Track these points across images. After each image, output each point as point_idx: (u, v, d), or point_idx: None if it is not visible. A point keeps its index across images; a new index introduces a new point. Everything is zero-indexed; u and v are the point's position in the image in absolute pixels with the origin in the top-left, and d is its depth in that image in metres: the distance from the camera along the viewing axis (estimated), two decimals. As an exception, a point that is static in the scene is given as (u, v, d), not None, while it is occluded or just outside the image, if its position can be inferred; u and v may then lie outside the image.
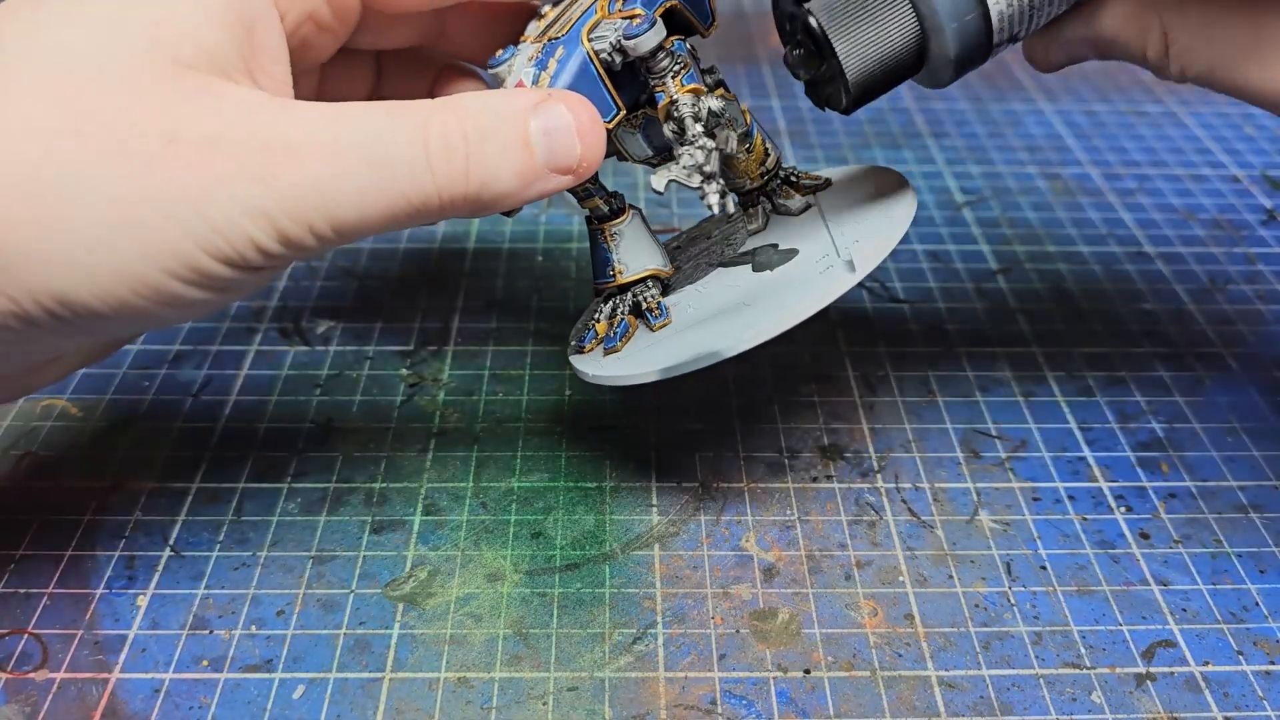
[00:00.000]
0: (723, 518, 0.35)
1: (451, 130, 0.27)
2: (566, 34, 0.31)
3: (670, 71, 0.30)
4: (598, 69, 0.30)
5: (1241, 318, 0.45)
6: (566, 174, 0.28)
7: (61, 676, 0.29)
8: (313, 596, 0.32)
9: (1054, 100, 0.63)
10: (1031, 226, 0.51)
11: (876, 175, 0.37)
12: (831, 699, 0.29)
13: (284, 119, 0.26)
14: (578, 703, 0.29)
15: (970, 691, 0.29)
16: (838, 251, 0.33)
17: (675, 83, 0.30)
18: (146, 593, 0.32)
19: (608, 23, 0.31)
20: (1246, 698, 0.29)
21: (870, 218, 0.34)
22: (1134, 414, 0.40)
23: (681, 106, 0.30)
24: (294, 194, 0.25)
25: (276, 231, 0.25)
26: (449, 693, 0.29)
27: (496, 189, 0.27)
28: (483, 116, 0.27)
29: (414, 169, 0.26)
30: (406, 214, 0.27)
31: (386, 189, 0.26)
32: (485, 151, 0.27)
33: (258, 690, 0.29)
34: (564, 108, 0.28)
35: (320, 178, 0.25)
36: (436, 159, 0.26)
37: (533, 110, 0.27)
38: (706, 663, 0.30)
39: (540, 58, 0.31)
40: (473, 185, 0.27)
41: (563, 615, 0.31)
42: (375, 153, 0.26)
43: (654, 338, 0.34)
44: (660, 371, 0.31)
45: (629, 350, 0.34)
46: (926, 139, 0.58)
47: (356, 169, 0.26)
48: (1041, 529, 0.35)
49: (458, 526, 0.34)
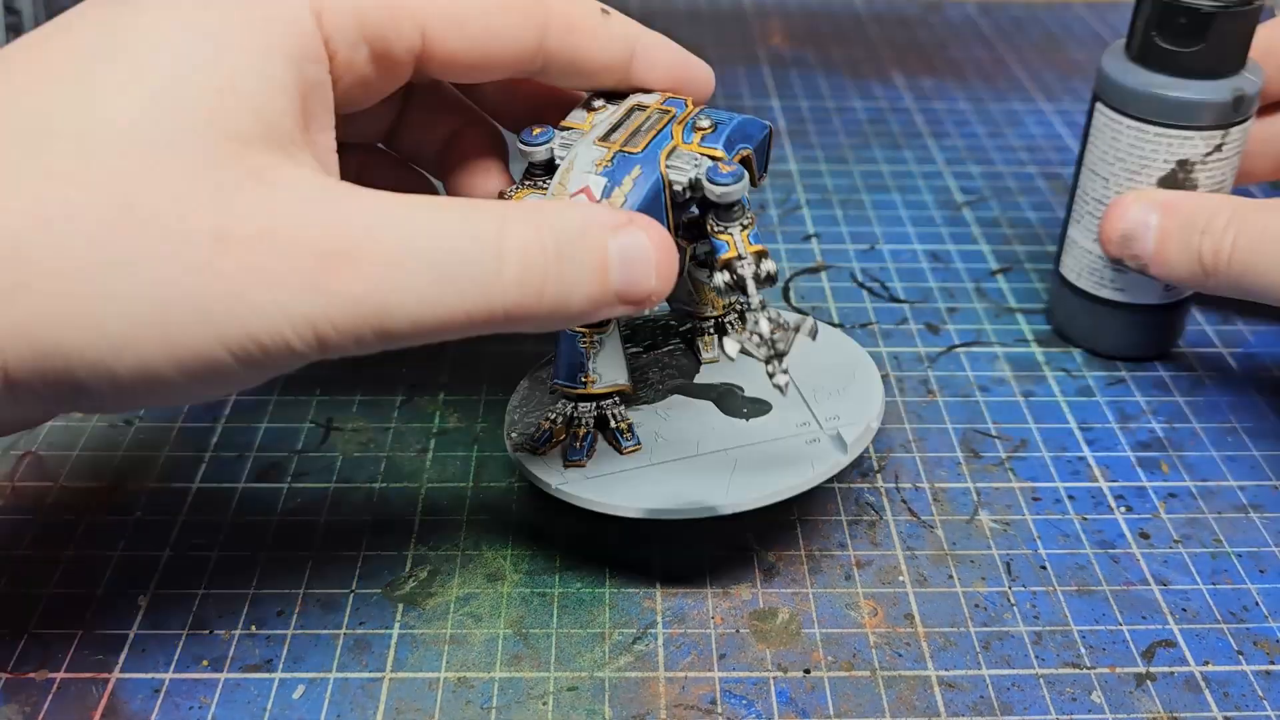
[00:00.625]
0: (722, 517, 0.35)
1: (531, 244, 0.24)
2: (643, 152, 0.30)
3: (739, 223, 0.30)
4: (667, 199, 0.30)
5: (1241, 317, 0.45)
6: (632, 305, 0.26)
7: (61, 676, 0.29)
8: (312, 596, 0.32)
9: (1054, 100, 0.63)
10: (1031, 226, 0.51)
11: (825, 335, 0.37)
12: (831, 699, 0.29)
13: (343, 214, 0.24)
14: (578, 702, 0.29)
15: (970, 691, 0.29)
16: (819, 423, 0.33)
17: (743, 237, 0.29)
18: (146, 592, 0.32)
19: (687, 154, 0.30)
20: (1246, 698, 0.29)
21: (837, 386, 0.35)
22: (1134, 414, 0.40)
23: (746, 266, 0.29)
24: (346, 304, 0.23)
25: (317, 340, 0.23)
26: (449, 693, 0.29)
27: (566, 312, 0.25)
28: (564, 233, 0.25)
29: (486, 284, 0.24)
30: (463, 327, 0.24)
31: (450, 302, 0.24)
32: (563, 272, 0.25)
33: (257, 690, 0.29)
34: (646, 238, 0.26)
35: (379, 288, 0.23)
36: (512, 275, 0.24)
37: (614, 232, 0.26)
38: (706, 662, 0.30)
39: (611, 169, 0.30)
40: (545, 305, 0.25)
41: (562, 615, 0.31)
42: (445, 263, 0.24)
43: (623, 462, 0.32)
44: (645, 511, 0.31)
45: (596, 469, 0.32)
46: (926, 139, 0.58)
47: (422, 280, 0.23)
48: (1041, 529, 0.35)
49: (458, 526, 0.34)
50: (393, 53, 0.28)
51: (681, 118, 0.31)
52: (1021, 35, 0.72)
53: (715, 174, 0.29)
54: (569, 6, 0.30)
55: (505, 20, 0.29)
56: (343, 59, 0.27)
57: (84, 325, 0.23)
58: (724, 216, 0.30)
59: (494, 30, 0.29)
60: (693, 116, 0.31)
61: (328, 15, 0.27)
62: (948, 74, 0.66)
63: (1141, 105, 0.37)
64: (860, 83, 0.65)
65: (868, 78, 0.65)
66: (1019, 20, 0.74)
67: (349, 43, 0.27)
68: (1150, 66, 0.37)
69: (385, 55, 0.28)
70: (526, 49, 0.30)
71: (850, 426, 0.33)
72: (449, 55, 0.29)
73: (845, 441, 0.32)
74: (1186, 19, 0.36)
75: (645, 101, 0.32)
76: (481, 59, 0.29)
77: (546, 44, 0.30)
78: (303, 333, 0.23)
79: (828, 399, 0.34)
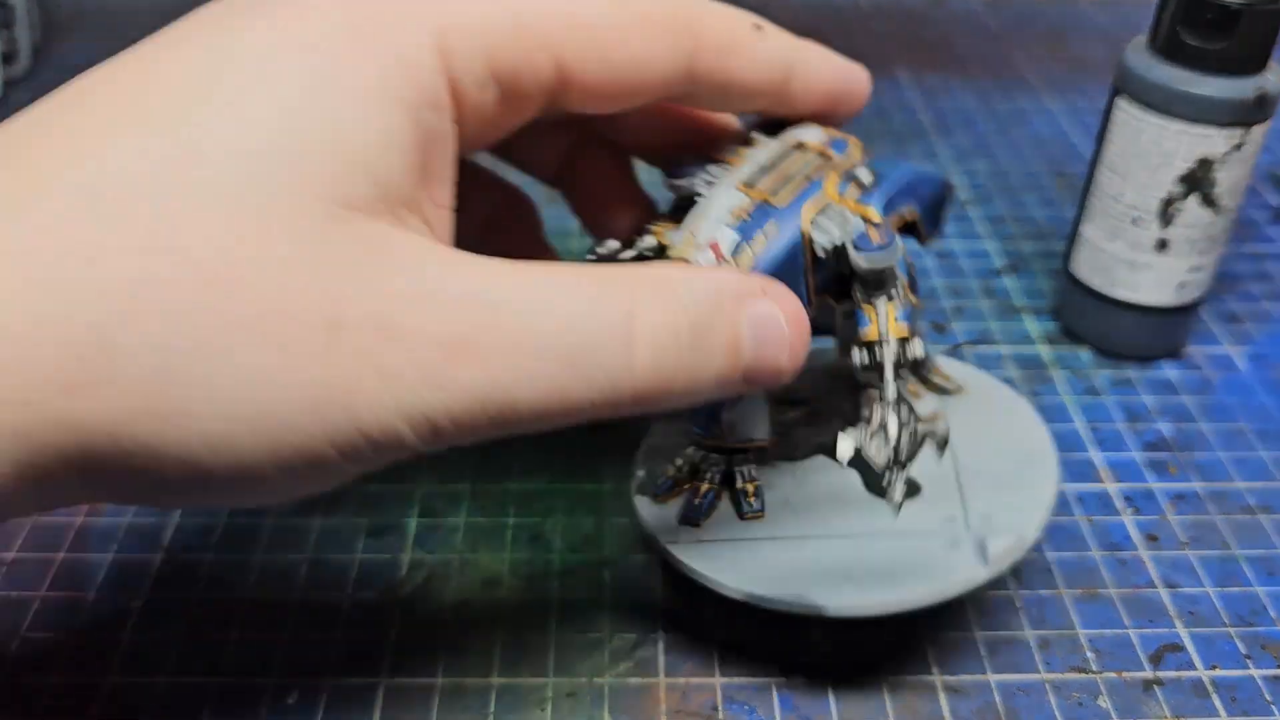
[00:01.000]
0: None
1: (662, 330, 0.22)
2: (787, 206, 0.27)
3: (886, 294, 0.26)
4: (807, 260, 0.26)
5: (1250, 316, 0.44)
6: (756, 386, 0.24)
7: (55, 681, 0.29)
8: (308, 600, 0.31)
9: (1061, 96, 0.62)
10: (1038, 224, 0.50)
11: (1007, 403, 0.33)
12: (835, 705, 0.29)
13: (465, 295, 0.21)
14: (577, 709, 0.29)
15: (975, 696, 0.29)
16: (966, 521, 0.29)
17: (889, 312, 0.26)
18: (140, 597, 0.31)
19: (836, 210, 0.27)
20: (1254, 702, 0.29)
21: (1003, 476, 0.30)
22: (1142, 414, 0.39)
23: (887, 351, 0.26)
24: (465, 397, 0.21)
25: (432, 433, 0.21)
26: (445, 699, 0.29)
27: (694, 397, 0.24)
28: (697, 312, 0.23)
29: (614, 372, 0.22)
30: (585, 414, 0.22)
31: (576, 392, 0.22)
32: (695, 358, 0.23)
33: (252, 696, 0.29)
34: (781, 317, 0.24)
35: (502, 379, 0.21)
36: (643, 364, 0.22)
37: (746, 305, 0.24)
38: (708, 668, 0.30)
39: (748, 222, 0.27)
40: (676, 390, 0.23)
41: (561, 620, 0.31)
42: (573, 352, 0.22)
43: (740, 529, 0.29)
44: (746, 595, 0.28)
45: (710, 532, 0.29)
46: (932, 136, 0.58)
47: (548, 370, 0.21)
48: (1048, 531, 0.34)
49: (455, 530, 0.34)
50: (524, 89, 0.25)
51: (841, 166, 0.28)
52: (1028, 30, 0.71)
53: (863, 241, 0.26)
54: (720, 23, 0.27)
55: (651, 46, 0.26)
56: (470, 101, 0.24)
57: (175, 422, 0.20)
58: (870, 287, 0.26)
59: (639, 58, 0.26)
60: (854, 167, 0.27)
61: (454, 54, 0.23)
62: (953, 69, 0.66)
63: (1164, 100, 0.36)
64: (864, 78, 0.64)
65: (873, 73, 0.65)
66: (1025, 15, 0.73)
67: (477, 83, 0.24)
68: (1174, 61, 0.36)
69: (516, 92, 0.25)
70: (674, 75, 0.26)
71: (1001, 535, 0.28)
72: (588, 87, 0.25)
73: (987, 553, 0.28)
74: (1214, 14, 0.35)
75: (807, 141, 0.29)
76: (624, 89, 0.26)
77: (695, 67, 0.27)
78: (418, 427, 0.21)
79: (988, 489, 0.30)
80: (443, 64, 0.23)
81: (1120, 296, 0.40)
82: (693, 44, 0.26)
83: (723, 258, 0.26)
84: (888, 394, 0.25)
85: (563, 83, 0.25)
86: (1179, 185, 0.37)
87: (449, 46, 0.23)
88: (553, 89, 0.25)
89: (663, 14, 0.26)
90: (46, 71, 0.63)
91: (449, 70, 0.23)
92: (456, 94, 0.24)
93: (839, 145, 0.29)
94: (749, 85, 0.28)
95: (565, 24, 0.25)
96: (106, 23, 0.70)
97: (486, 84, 0.24)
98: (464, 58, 0.23)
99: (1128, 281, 0.40)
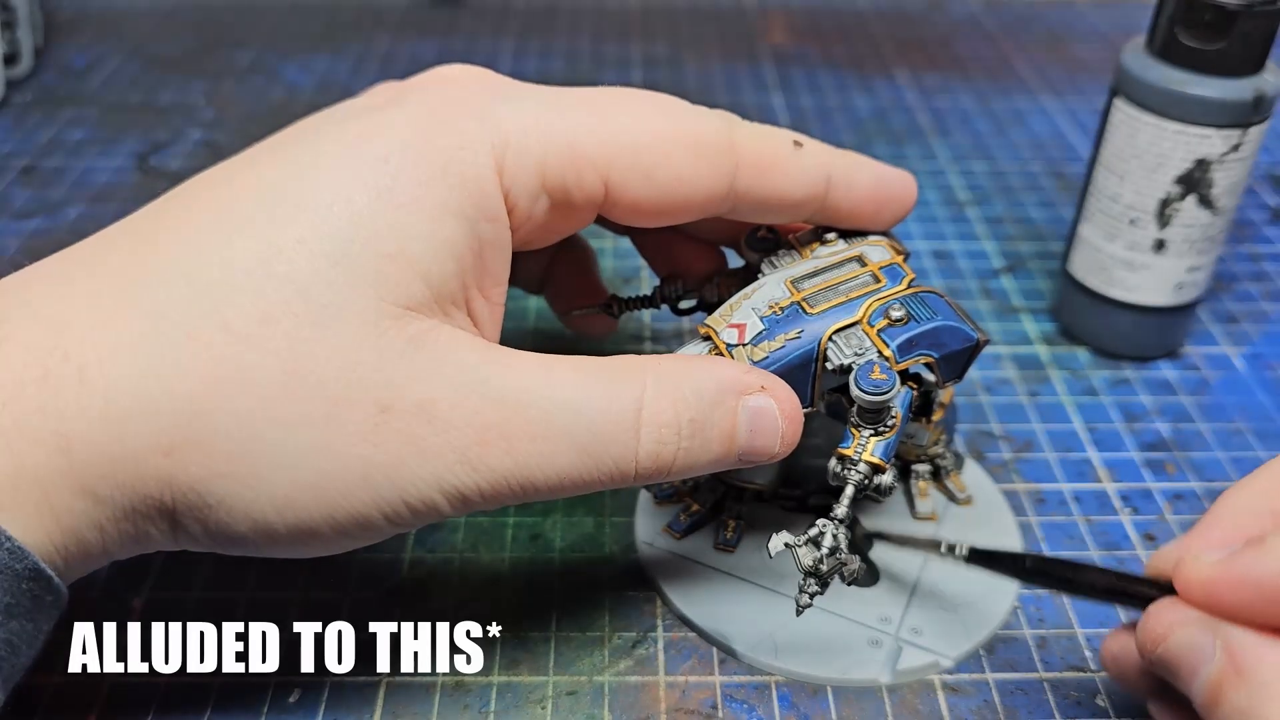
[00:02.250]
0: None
1: (666, 419, 0.25)
2: (817, 316, 0.28)
3: (875, 429, 0.27)
4: (818, 369, 0.28)
5: (1247, 317, 0.45)
6: (749, 464, 0.27)
7: (57, 680, 0.29)
8: (309, 599, 0.31)
9: (1059, 97, 0.63)
10: (1036, 224, 0.50)
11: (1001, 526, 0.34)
12: (834, 703, 0.29)
13: (497, 387, 0.25)
14: (577, 707, 0.29)
15: (974, 696, 0.29)
16: (898, 627, 0.30)
17: (870, 444, 0.27)
18: (142, 595, 0.31)
19: (860, 336, 0.28)
20: (1254, 702, 0.29)
21: (957, 596, 0.31)
22: (1140, 414, 0.39)
23: (854, 473, 0.27)
24: (496, 475, 0.24)
25: (464, 504, 0.25)
26: (446, 696, 0.29)
27: (690, 472, 0.26)
28: (699, 406, 0.26)
29: (621, 459, 0.25)
30: (593, 487, 0.26)
31: (587, 474, 0.25)
32: (694, 445, 0.26)
33: (254, 694, 0.29)
34: (775, 408, 0.27)
35: (526, 461, 0.25)
36: (647, 449, 0.25)
37: (744, 400, 0.26)
38: (707, 667, 0.30)
39: (779, 319, 0.28)
40: (675, 469, 0.26)
41: (562, 619, 0.31)
42: (587, 438, 0.25)
43: (710, 554, 0.32)
44: (678, 613, 0.31)
45: (686, 545, 0.33)
46: (930, 136, 0.58)
47: (566, 455, 0.25)
48: (1047, 531, 0.34)
49: (455, 529, 0.34)
50: (573, 202, 0.27)
51: (884, 295, 0.28)
52: (1026, 32, 0.71)
53: (863, 376, 0.27)
54: (760, 145, 0.29)
55: (694, 168, 0.28)
56: (522, 210, 0.27)
57: (250, 484, 0.23)
58: (863, 415, 0.27)
59: (683, 177, 0.28)
60: (890, 301, 0.28)
61: (510, 169, 0.26)
62: (951, 71, 0.66)
63: (1161, 101, 0.36)
64: (863, 79, 0.64)
65: (871, 74, 0.65)
66: (1023, 17, 0.73)
67: (530, 195, 0.27)
68: (1171, 62, 0.36)
69: (566, 204, 0.28)
70: (717, 193, 0.28)
71: (918, 652, 0.30)
72: (633, 203, 0.28)
73: (896, 664, 0.29)
74: (1211, 15, 0.35)
75: (868, 259, 0.30)
76: (668, 205, 0.28)
77: (737, 185, 0.28)
78: (452, 499, 0.25)
79: (935, 604, 0.31)
80: (500, 181, 0.26)
81: (1118, 297, 0.40)
82: (734, 163, 0.28)
83: (743, 341, 0.28)
84: (838, 511, 0.27)
85: (611, 199, 0.28)
86: (1176, 186, 0.37)
87: (505, 165, 0.26)
88: (600, 202, 0.28)
89: (706, 137, 0.28)
90: (47, 72, 0.63)
91: (505, 187, 0.26)
92: (510, 204, 0.27)
93: (894, 272, 0.30)
94: (789, 199, 0.29)
95: (613, 145, 0.27)
96: (108, 25, 0.70)
97: (539, 196, 0.27)
98: (519, 175, 0.26)
99: (1125, 282, 0.40)
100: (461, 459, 0.24)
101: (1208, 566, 0.23)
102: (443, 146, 0.26)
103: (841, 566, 0.26)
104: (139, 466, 0.23)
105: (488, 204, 0.26)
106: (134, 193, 0.51)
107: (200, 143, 0.56)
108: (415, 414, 0.24)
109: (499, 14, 0.72)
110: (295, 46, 0.67)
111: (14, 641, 0.22)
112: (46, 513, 0.22)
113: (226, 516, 0.24)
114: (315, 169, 0.25)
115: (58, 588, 0.23)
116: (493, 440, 0.24)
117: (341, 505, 0.24)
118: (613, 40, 0.68)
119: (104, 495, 0.23)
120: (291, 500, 0.24)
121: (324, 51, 0.67)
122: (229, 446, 0.23)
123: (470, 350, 0.25)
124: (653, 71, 0.64)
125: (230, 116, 0.59)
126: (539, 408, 0.25)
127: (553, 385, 0.25)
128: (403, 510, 0.24)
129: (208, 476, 0.23)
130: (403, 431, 0.24)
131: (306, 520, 0.24)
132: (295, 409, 0.23)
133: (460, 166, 0.26)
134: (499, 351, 0.26)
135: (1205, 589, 0.23)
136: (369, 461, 0.24)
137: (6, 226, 0.49)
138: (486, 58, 0.66)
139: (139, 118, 0.59)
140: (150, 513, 0.24)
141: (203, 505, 0.23)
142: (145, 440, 0.23)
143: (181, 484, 0.23)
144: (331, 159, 0.26)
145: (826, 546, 0.26)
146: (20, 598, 0.22)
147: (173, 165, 0.54)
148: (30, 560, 0.22)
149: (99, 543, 0.24)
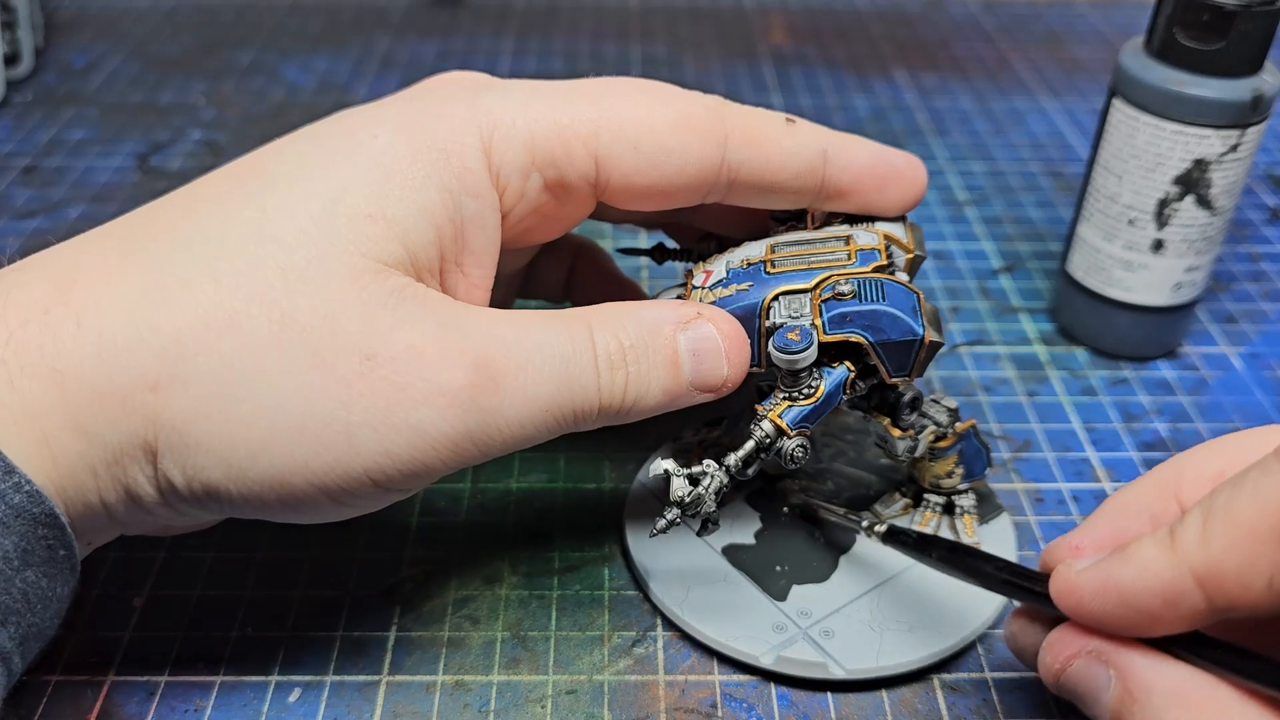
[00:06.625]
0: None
1: (612, 346, 0.27)
2: (774, 276, 0.29)
3: (790, 393, 0.28)
4: (760, 325, 0.28)
5: (1245, 317, 0.45)
6: (710, 393, 0.28)
7: (57, 679, 0.29)
8: (309, 599, 0.32)
9: (1057, 97, 0.63)
10: (1034, 224, 0.50)
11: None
12: (833, 703, 0.29)
13: (479, 331, 0.25)
14: (576, 706, 0.29)
15: (973, 695, 0.29)
16: (811, 624, 0.30)
17: (780, 406, 0.28)
18: (142, 595, 0.31)
19: (800, 302, 0.28)
20: (1251, 701, 0.29)
21: (926, 616, 0.30)
22: (1138, 414, 0.39)
23: (758, 431, 0.27)
24: (486, 418, 0.25)
25: (453, 455, 0.25)
26: (446, 696, 0.29)
27: (645, 404, 0.27)
28: (635, 331, 0.27)
29: (589, 383, 0.26)
30: (563, 427, 0.27)
31: (562, 405, 0.26)
32: (640, 369, 0.27)
33: (253, 693, 0.29)
34: (712, 328, 0.27)
35: (513, 398, 0.25)
36: (604, 376, 0.26)
37: (681, 326, 0.27)
38: (707, 666, 0.30)
39: (742, 271, 0.29)
40: (628, 400, 0.27)
41: (561, 618, 0.31)
42: (560, 367, 0.26)
43: (688, 535, 0.33)
44: (639, 565, 0.32)
45: (683, 539, 0.33)
46: (929, 137, 0.58)
47: (545, 383, 0.26)
48: (1045, 530, 0.34)
49: (455, 528, 0.34)
50: (567, 180, 0.28)
51: (845, 272, 0.29)
52: (1024, 32, 0.71)
53: (780, 336, 0.27)
54: (750, 119, 0.29)
55: (682, 139, 0.28)
56: (514, 190, 0.28)
57: (228, 427, 0.24)
58: (783, 378, 0.28)
59: (671, 149, 0.28)
60: (839, 280, 0.28)
61: (498, 148, 0.27)
62: (950, 71, 0.66)
63: (1160, 101, 0.37)
64: (862, 79, 0.64)
65: (870, 75, 0.65)
66: (1022, 17, 0.73)
67: (520, 172, 0.28)
68: (1170, 63, 0.37)
69: (560, 184, 0.28)
70: (707, 167, 0.29)
71: (812, 649, 0.29)
72: (626, 179, 0.28)
73: (779, 655, 0.29)
74: (1209, 16, 0.35)
75: (856, 240, 0.30)
76: (661, 181, 0.29)
77: (729, 159, 0.29)
78: (439, 448, 0.25)
79: (898, 627, 0.30)
80: (488, 160, 0.27)
81: (1116, 297, 0.40)
82: (724, 136, 0.29)
83: (706, 285, 0.30)
84: (728, 459, 0.27)
85: (603, 176, 0.28)
86: (1175, 186, 0.37)
87: (494, 144, 0.27)
88: (594, 180, 0.28)
89: (695, 112, 0.29)
90: (48, 72, 0.63)
91: (495, 165, 0.27)
92: (501, 184, 0.28)
93: (870, 256, 0.29)
94: (784, 172, 0.30)
95: (600, 121, 0.28)
96: (108, 25, 0.70)
97: (530, 174, 0.28)
98: (506, 147, 0.27)
99: (1124, 282, 0.40)
100: (452, 400, 0.24)
101: (1075, 575, 0.23)
102: (430, 127, 0.27)
103: (702, 511, 0.27)
104: (126, 401, 0.23)
105: (471, 180, 0.27)
106: (134, 192, 0.51)
107: (200, 143, 0.56)
108: (403, 358, 0.24)
109: (499, 14, 0.72)
110: (295, 46, 0.68)
111: (30, 596, 0.22)
112: (44, 452, 0.23)
113: (204, 459, 0.24)
114: (310, 153, 0.27)
115: (70, 542, 0.23)
116: (482, 380, 0.25)
117: (318, 456, 0.24)
118: (612, 40, 0.68)
119: (95, 433, 0.23)
120: (267, 445, 0.24)
121: (324, 51, 0.67)
122: (212, 387, 0.24)
123: (446, 303, 0.26)
124: (652, 71, 0.64)
125: (230, 116, 0.59)
126: (519, 345, 0.26)
127: (523, 328, 0.26)
128: (386, 464, 0.24)
129: (191, 417, 0.24)
130: (389, 379, 0.24)
131: (282, 469, 0.24)
132: (279, 355, 0.24)
133: (445, 143, 0.27)
134: (470, 306, 0.27)
135: (1072, 598, 0.23)
136: (351, 409, 0.24)
137: (7, 226, 0.49)
138: (486, 58, 0.66)
139: (139, 118, 0.59)
140: (136, 454, 0.24)
141: (182, 446, 0.24)
142: (133, 375, 0.23)
143: (165, 422, 0.24)
144: (325, 141, 0.27)
145: (702, 487, 0.27)
146: (36, 544, 0.22)
147: (173, 165, 0.54)
148: (46, 505, 0.22)
149: (94, 489, 0.24)
